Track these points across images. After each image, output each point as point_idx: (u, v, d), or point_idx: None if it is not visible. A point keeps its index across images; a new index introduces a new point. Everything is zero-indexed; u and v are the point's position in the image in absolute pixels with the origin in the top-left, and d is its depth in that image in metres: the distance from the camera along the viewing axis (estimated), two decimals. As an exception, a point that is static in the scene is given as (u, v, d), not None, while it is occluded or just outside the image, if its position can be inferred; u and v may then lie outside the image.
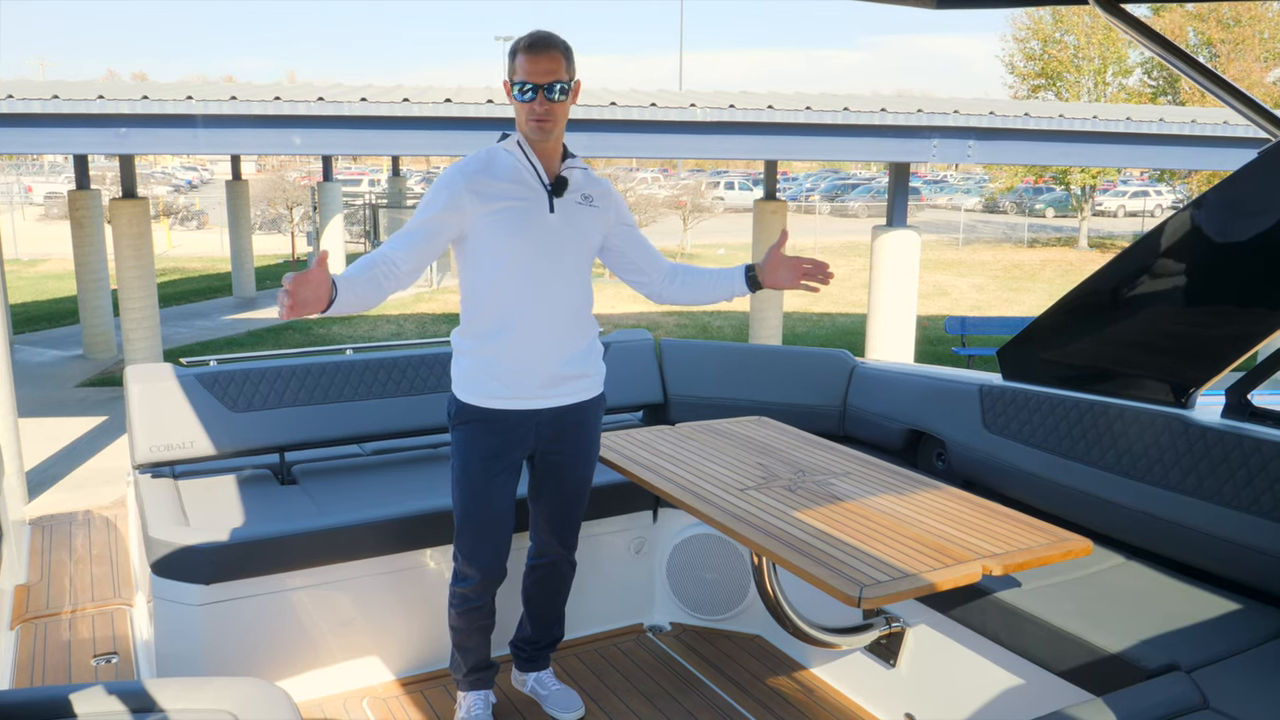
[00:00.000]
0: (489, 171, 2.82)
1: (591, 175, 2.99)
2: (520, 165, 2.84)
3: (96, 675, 3.16)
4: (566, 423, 2.98)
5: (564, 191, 2.87)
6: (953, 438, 3.78)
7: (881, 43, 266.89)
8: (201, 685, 2.18)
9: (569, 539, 3.18)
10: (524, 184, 2.83)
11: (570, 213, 2.88)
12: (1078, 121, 10.40)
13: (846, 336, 17.72)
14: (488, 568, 2.98)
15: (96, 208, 16.14)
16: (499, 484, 2.93)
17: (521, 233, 2.81)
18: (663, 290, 3.15)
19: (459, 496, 2.95)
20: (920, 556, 2.43)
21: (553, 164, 2.88)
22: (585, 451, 3.07)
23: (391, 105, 9.19)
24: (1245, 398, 3.10)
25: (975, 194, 47.40)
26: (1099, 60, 31.32)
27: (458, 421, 2.94)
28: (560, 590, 3.25)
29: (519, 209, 2.81)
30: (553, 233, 2.85)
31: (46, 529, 4.30)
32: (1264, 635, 2.62)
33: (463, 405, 2.93)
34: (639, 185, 33.56)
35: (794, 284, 2.99)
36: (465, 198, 2.77)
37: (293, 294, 2.39)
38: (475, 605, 3.03)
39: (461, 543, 2.98)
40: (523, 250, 2.82)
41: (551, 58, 2.74)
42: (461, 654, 3.13)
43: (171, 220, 35.43)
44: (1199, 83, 2.99)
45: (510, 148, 2.86)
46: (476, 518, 2.94)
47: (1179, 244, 3.13)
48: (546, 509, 3.12)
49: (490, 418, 2.89)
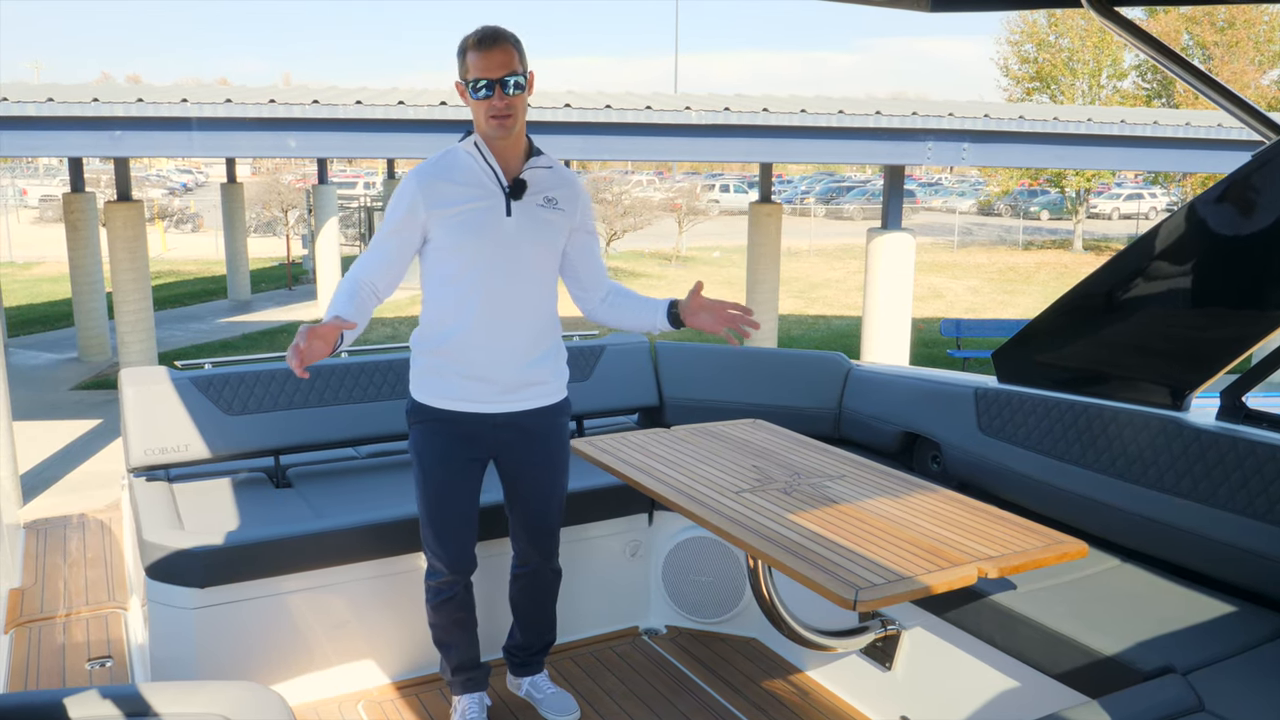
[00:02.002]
0: (446, 174, 2.79)
1: (560, 173, 2.93)
2: (478, 166, 2.80)
3: (91, 679, 3.15)
4: (528, 431, 2.96)
5: (522, 194, 2.82)
6: (948, 440, 3.78)
7: (876, 45, 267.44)
8: (196, 689, 2.17)
9: (546, 547, 3.15)
10: (481, 186, 2.80)
11: (529, 216, 2.83)
12: (1072, 124, 10.41)
13: (841, 339, 17.73)
14: (454, 559, 2.99)
15: (91, 210, 16.12)
16: (458, 483, 2.94)
17: (476, 236, 2.78)
18: (595, 309, 3.10)
19: (419, 494, 2.98)
20: (915, 559, 2.43)
21: (513, 164, 2.83)
22: (551, 459, 3.04)
23: (387, 108, 9.19)
24: (1240, 400, 3.11)
25: (970, 196, 47.46)
26: (1094, 63, 31.39)
27: (413, 420, 2.96)
28: (546, 598, 3.23)
29: (474, 212, 2.78)
30: (509, 237, 2.81)
31: (41, 532, 4.29)
32: (1259, 637, 2.63)
33: (417, 405, 2.94)
34: (634, 188, 33.51)
35: (717, 328, 2.90)
36: (420, 203, 2.76)
37: (304, 352, 2.43)
38: (447, 597, 3.04)
39: (427, 536, 2.99)
40: (477, 254, 2.79)
41: (504, 50, 2.69)
42: (444, 652, 3.13)
43: (166, 223, 35.37)
44: (1193, 85, 2.99)
45: (469, 148, 2.82)
46: (437, 516, 2.96)
47: (1173, 247, 3.13)
48: (520, 517, 3.11)
49: (444, 419, 2.90)
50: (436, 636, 3.11)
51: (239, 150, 9.94)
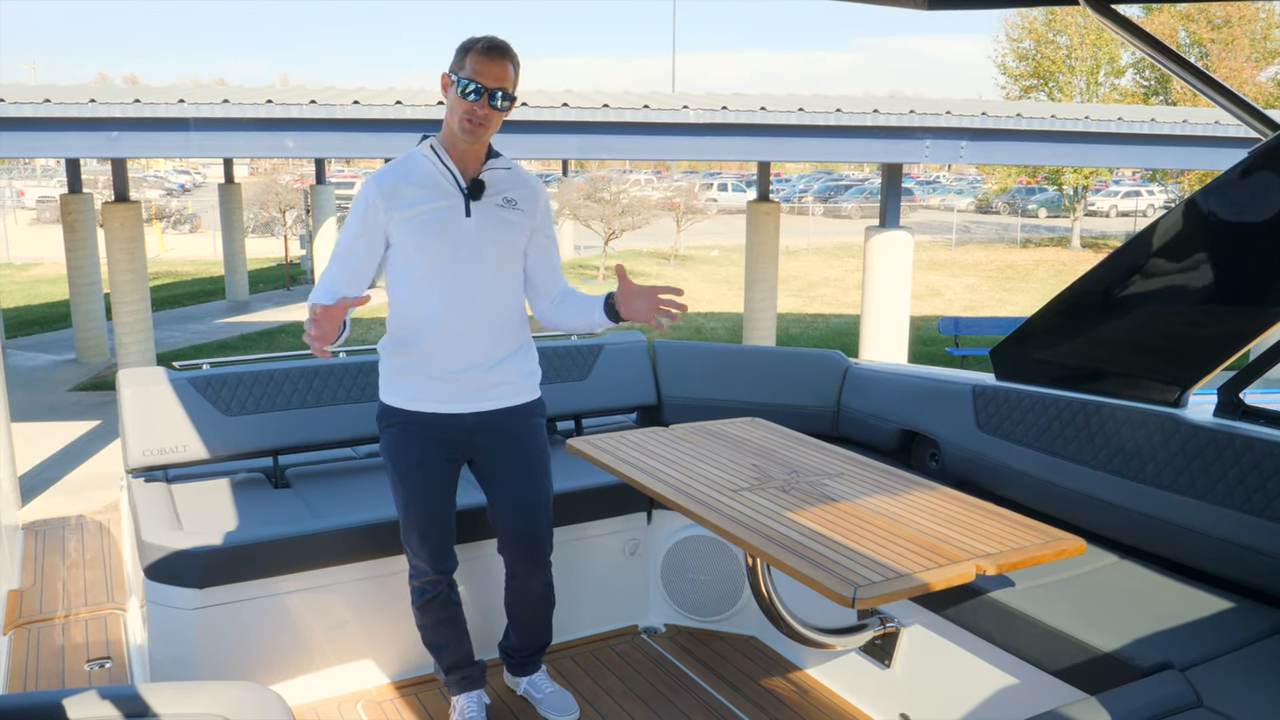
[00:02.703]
0: (405, 178, 2.81)
1: (519, 175, 2.94)
2: (436, 170, 2.82)
3: (90, 680, 3.15)
4: (500, 431, 2.96)
5: (481, 195, 2.84)
6: (946, 438, 3.78)
7: (874, 44, 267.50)
8: (195, 690, 2.17)
9: (533, 559, 3.08)
10: (439, 188, 2.81)
11: (489, 216, 2.85)
12: (1070, 122, 10.42)
13: (840, 337, 17.73)
14: (434, 558, 3.00)
15: (89, 211, 16.10)
16: (432, 485, 2.94)
17: (436, 238, 2.79)
18: (545, 312, 3.07)
19: (396, 498, 2.99)
20: (914, 557, 2.43)
21: (472, 166, 2.85)
22: (529, 463, 3.01)
23: (384, 108, 9.18)
24: (1238, 396, 3.11)
25: (968, 195, 47.46)
26: (1092, 60, 31.40)
27: (383, 424, 2.97)
28: (540, 609, 3.20)
29: (434, 212, 2.79)
30: (470, 237, 2.82)
31: (40, 534, 4.29)
32: (1257, 634, 2.63)
33: (386, 407, 2.95)
34: (632, 187, 33.51)
35: (649, 316, 2.82)
36: (380, 207, 2.78)
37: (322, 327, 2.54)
38: (431, 596, 3.04)
39: (408, 538, 3.00)
40: (439, 256, 2.80)
41: (504, 65, 2.73)
42: (434, 652, 3.13)
43: (164, 224, 35.34)
44: (1190, 83, 3.00)
45: (426, 152, 2.84)
46: (413, 518, 2.96)
47: (1171, 244, 3.13)
48: (503, 528, 3.07)
49: (412, 420, 2.91)
50: (426, 638, 3.12)
51: (236, 151, 9.92)
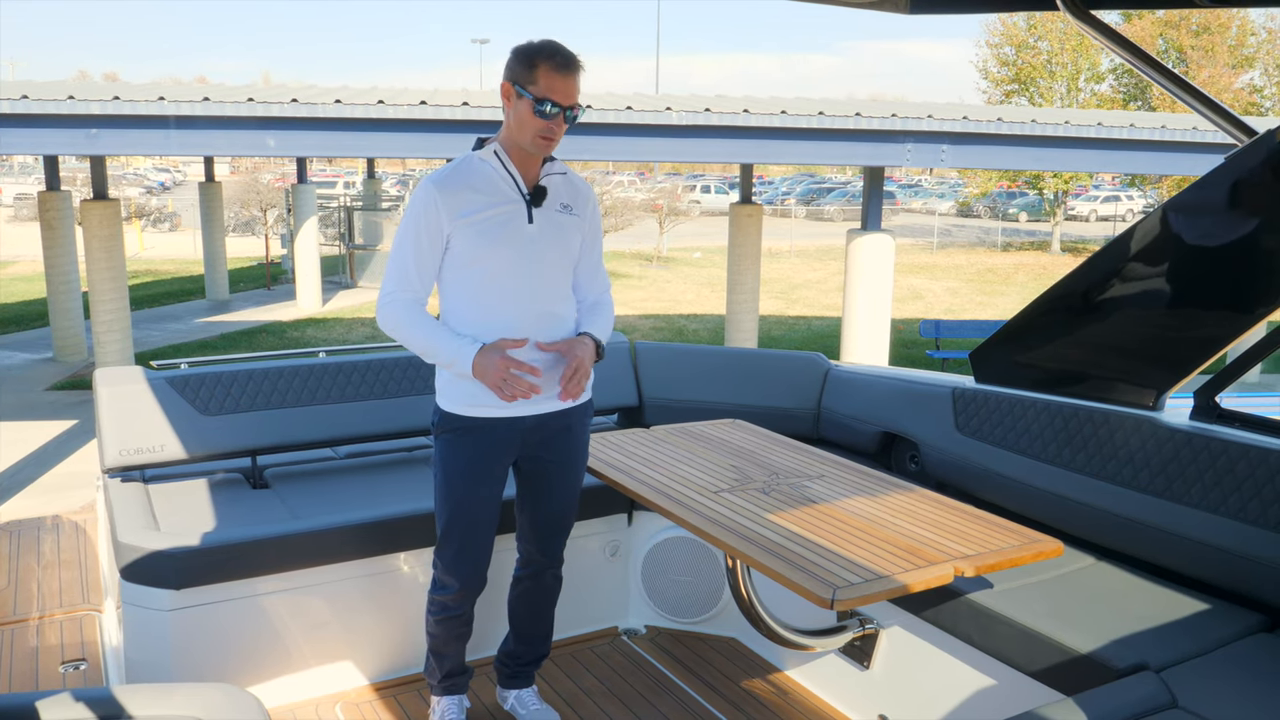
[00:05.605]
0: (465, 182, 2.77)
1: (572, 180, 2.94)
2: (497, 175, 2.80)
3: (64, 682, 3.12)
4: (553, 429, 2.94)
5: (543, 201, 2.83)
6: (926, 440, 3.80)
7: (857, 48, 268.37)
8: (171, 691, 2.16)
9: (554, 549, 3.11)
10: (502, 194, 2.79)
11: (549, 221, 2.85)
12: (1050, 127, 10.48)
13: (821, 340, 17.79)
14: (467, 578, 2.95)
15: (67, 209, 15.97)
16: (483, 495, 2.89)
17: (500, 243, 2.77)
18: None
19: (441, 507, 2.91)
20: (893, 558, 2.44)
21: (532, 171, 2.84)
22: (573, 458, 3.02)
23: (366, 107, 9.14)
24: (1214, 400, 3.14)
25: (949, 198, 47.71)
26: (1072, 66, 31.62)
27: (440, 431, 2.90)
28: (545, 606, 3.20)
29: (497, 219, 2.77)
30: (532, 242, 2.81)
31: (14, 534, 4.25)
32: (1232, 635, 2.66)
33: (445, 414, 2.88)
34: (615, 188, 33.54)
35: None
36: (442, 210, 2.74)
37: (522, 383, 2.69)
38: (454, 614, 3.00)
39: (443, 552, 2.94)
40: (502, 261, 2.78)
41: (577, 79, 2.70)
42: (437, 660, 3.10)
43: (144, 222, 35.10)
44: (1168, 89, 3.02)
45: (487, 156, 2.81)
46: (459, 528, 2.90)
47: (1149, 248, 3.16)
48: (532, 518, 3.06)
49: (473, 426, 2.85)
50: (433, 646, 3.08)
51: (217, 149, 9.87)
